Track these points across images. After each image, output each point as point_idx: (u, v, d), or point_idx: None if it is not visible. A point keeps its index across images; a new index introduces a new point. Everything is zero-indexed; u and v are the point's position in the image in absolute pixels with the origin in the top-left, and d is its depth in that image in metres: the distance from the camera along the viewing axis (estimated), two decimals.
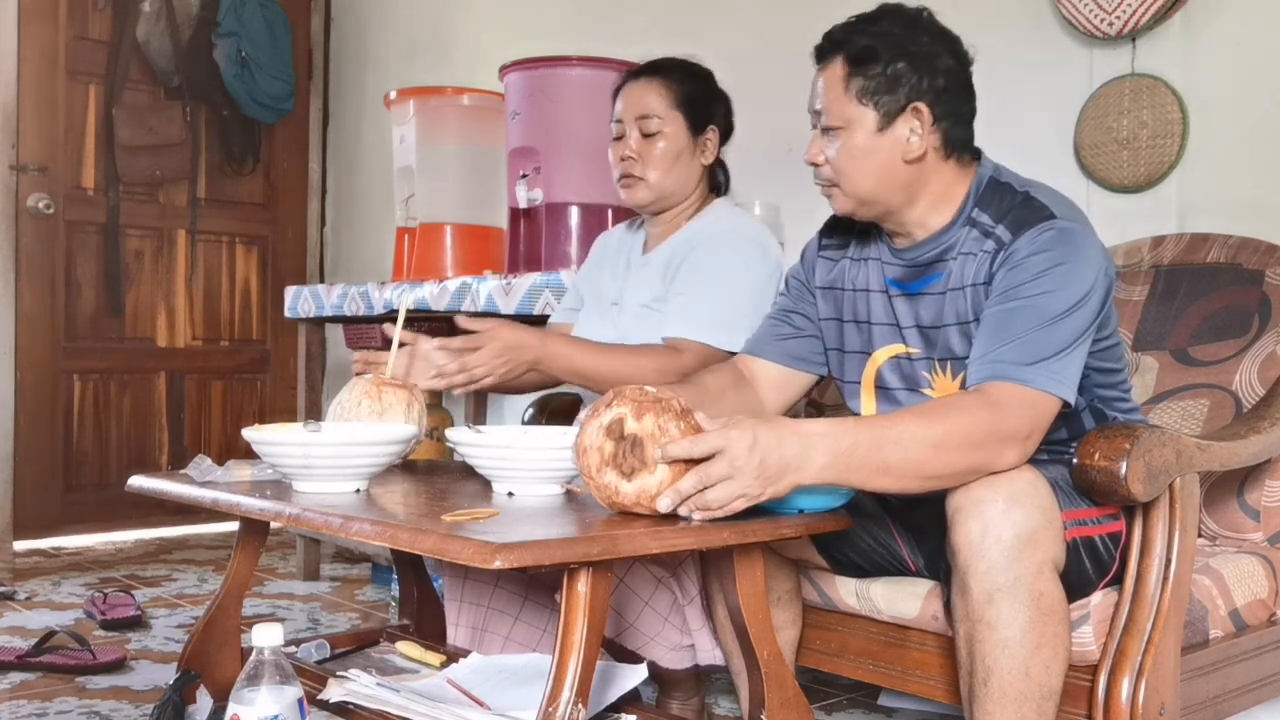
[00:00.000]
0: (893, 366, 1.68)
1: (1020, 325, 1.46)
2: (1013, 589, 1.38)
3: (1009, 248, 1.52)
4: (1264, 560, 1.75)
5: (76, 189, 4.23)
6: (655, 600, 1.87)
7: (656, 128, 2.08)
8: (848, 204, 1.63)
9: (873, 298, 1.71)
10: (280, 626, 1.40)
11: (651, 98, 2.09)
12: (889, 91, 1.57)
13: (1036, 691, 1.40)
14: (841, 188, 1.61)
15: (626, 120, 2.11)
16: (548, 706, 1.27)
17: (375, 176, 4.44)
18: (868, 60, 1.57)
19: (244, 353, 4.70)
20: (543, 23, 3.78)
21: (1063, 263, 1.48)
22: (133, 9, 4.32)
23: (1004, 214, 1.56)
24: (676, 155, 2.10)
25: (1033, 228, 1.51)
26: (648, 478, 1.35)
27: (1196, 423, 1.90)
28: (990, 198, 1.59)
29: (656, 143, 2.09)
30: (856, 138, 1.58)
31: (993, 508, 1.39)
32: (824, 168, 1.62)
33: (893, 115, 1.57)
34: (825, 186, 1.64)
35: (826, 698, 2.46)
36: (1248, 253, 1.99)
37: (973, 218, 1.59)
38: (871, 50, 1.57)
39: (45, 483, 4.17)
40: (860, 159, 1.58)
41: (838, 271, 1.77)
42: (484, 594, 2.00)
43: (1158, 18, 2.33)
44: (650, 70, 2.13)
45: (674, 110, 2.09)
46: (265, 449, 1.60)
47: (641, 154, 2.09)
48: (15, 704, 2.37)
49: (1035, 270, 1.48)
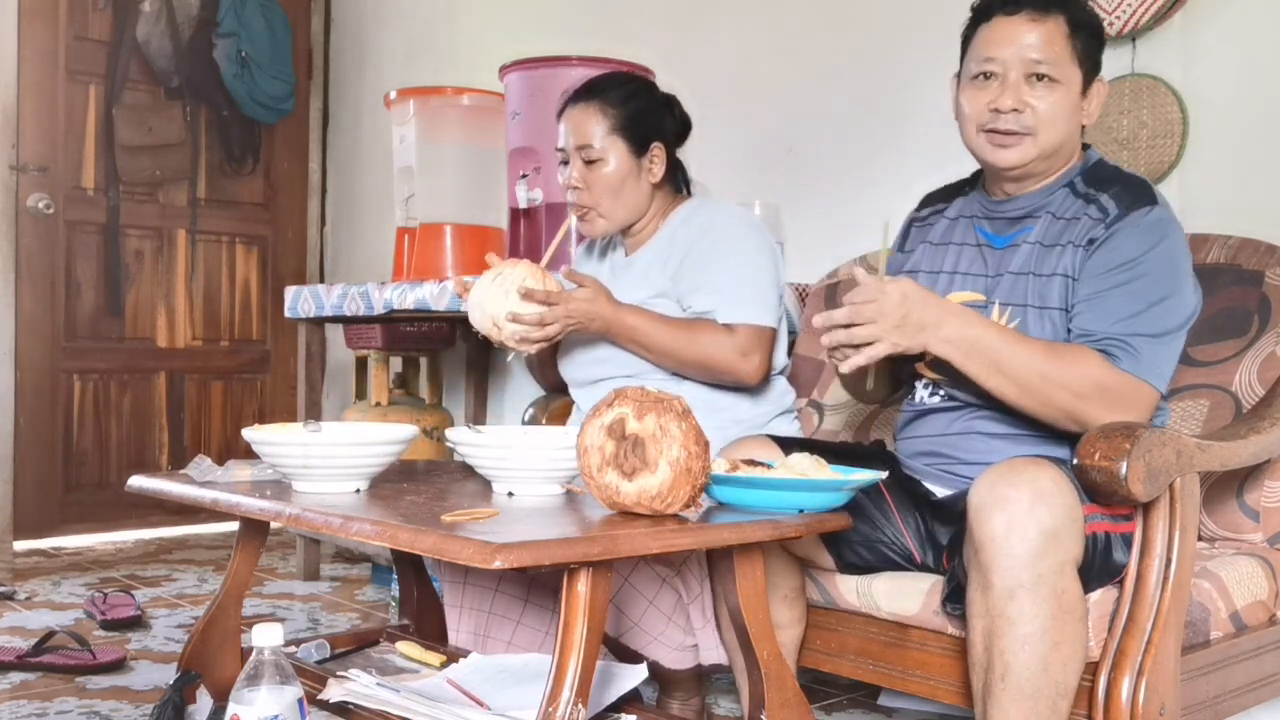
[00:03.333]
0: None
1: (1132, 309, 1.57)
2: (1035, 586, 1.39)
3: (1116, 218, 1.62)
4: (1263, 561, 1.75)
5: (76, 189, 4.23)
6: (659, 600, 1.87)
7: (597, 155, 2.07)
8: (1031, 153, 1.67)
9: (960, 250, 1.80)
10: (280, 626, 1.40)
11: (590, 125, 2.07)
12: (1092, 59, 1.68)
13: (1053, 689, 1.40)
14: (1037, 137, 1.66)
15: (569, 149, 2.10)
16: (548, 706, 1.27)
17: (375, 176, 4.44)
18: (1086, 26, 1.67)
19: (244, 353, 4.70)
20: (543, 23, 3.78)
21: (1169, 247, 1.61)
22: (133, 9, 4.32)
23: (1109, 186, 1.67)
24: (621, 181, 2.08)
25: (1142, 206, 1.62)
26: (649, 478, 1.35)
27: (1196, 423, 1.90)
28: (1096, 173, 1.71)
29: (599, 170, 2.07)
30: (1067, 95, 1.66)
31: (1019, 504, 1.40)
32: (1025, 114, 1.66)
33: (1089, 80, 1.69)
34: (1015, 135, 1.67)
35: (826, 698, 2.46)
36: (1248, 253, 1.99)
37: (1072, 183, 1.70)
38: (1090, 19, 1.68)
39: (45, 483, 4.17)
40: (1065, 115, 1.67)
41: (933, 231, 1.88)
42: (485, 599, 2.00)
43: (1158, 18, 2.33)
44: (587, 94, 2.10)
45: (613, 135, 2.07)
46: (265, 449, 1.60)
47: (587, 183, 2.08)
48: (15, 704, 2.37)
49: (1151, 242, 1.60)
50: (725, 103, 3.12)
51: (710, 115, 2.49)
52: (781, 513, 1.45)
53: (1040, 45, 1.64)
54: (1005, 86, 1.66)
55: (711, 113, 2.57)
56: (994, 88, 1.68)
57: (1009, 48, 1.66)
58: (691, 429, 1.37)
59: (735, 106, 3.16)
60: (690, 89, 2.27)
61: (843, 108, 2.95)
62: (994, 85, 1.68)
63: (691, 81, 2.21)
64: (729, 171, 3.00)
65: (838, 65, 2.97)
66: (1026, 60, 1.65)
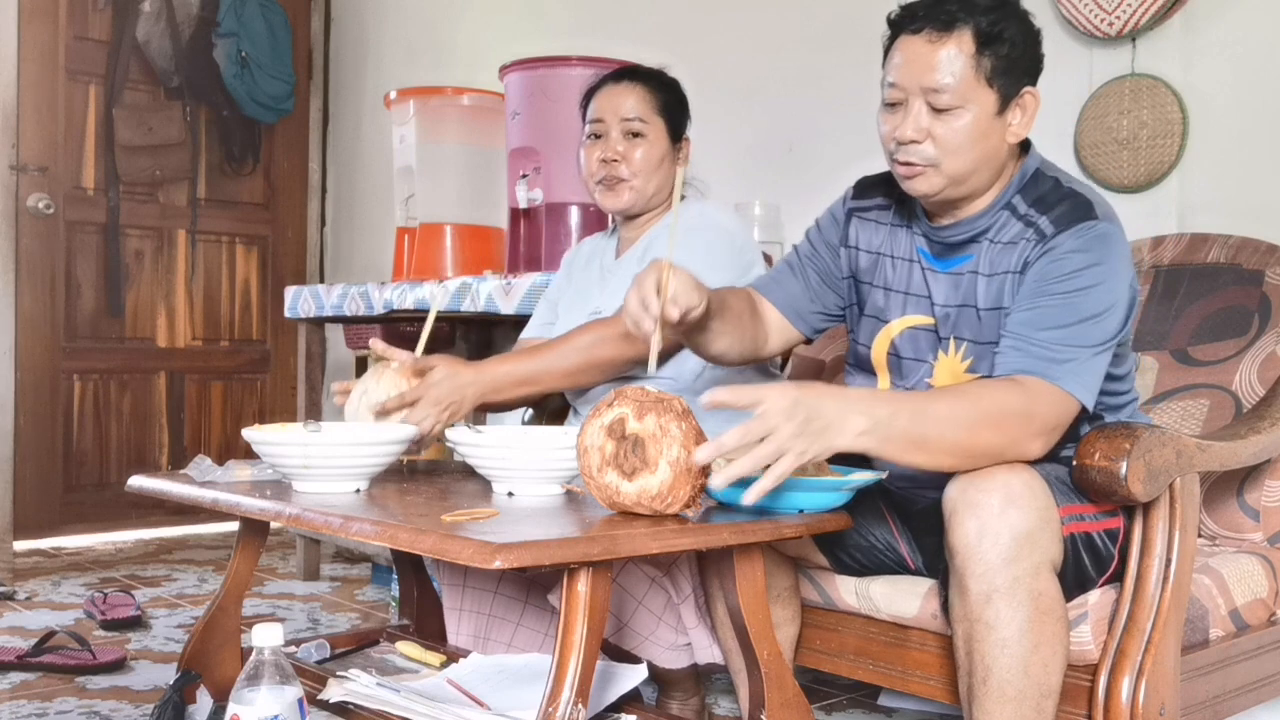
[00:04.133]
0: (910, 336, 1.68)
1: (1054, 321, 1.47)
2: (1011, 589, 1.38)
3: (1050, 241, 1.52)
4: (1264, 560, 1.75)
5: (76, 189, 4.23)
6: (649, 599, 1.87)
7: (641, 129, 2.07)
8: (937, 184, 1.55)
9: (906, 266, 1.69)
10: (280, 626, 1.40)
11: (634, 100, 2.08)
12: (1010, 74, 1.53)
13: (1035, 690, 1.40)
14: (941, 167, 1.54)
15: (609, 120, 2.08)
16: (548, 706, 1.27)
17: (375, 176, 4.44)
18: (997, 40, 1.51)
19: (244, 353, 4.70)
20: (543, 23, 3.78)
21: (1099, 263, 1.49)
22: (133, 9, 4.32)
23: (1049, 206, 1.55)
24: (660, 160, 2.09)
25: (1077, 225, 1.51)
26: (649, 478, 1.35)
27: (1196, 423, 1.90)
28: (1034, 188, 1.59)
29: (639, 145, 2.07)
30: (977, 118, 1.52)
31: (989, 509, 1.39)
32: (924, 145, 1.54)
33: (1009, 98, 1.54)
34: (917, 165, 1.55)
35: (826, 698, 2.46)
36: (1248, 253, 1.99)
37: (1011, 204, 1.59)
38: (1002, 30, 1.52)
39: (45, 483, 4.17)
40: (978, 140, 1.53)
41: (880, 236, 1.74)
42: (484, 601, 2.00)
43: (1158, 18, 2.33)
44: (629, 75, 2.12)
45: (657, 115, 2.09)
46: (265, 449, 1.60)
47: (626, 155, 2.07)
48: (15, 704, 2.37)
49: (1073, 267, 1.49)
50: (725, 102, 3.12)
51: (710, 115, 2.49)
52: (781, 513, 1.45)
53: (940, 69, 1.51)
54: (907, 114, 1.54)
55: (712, 112, 2.57)
56: (898, 115, 1.55)
57: (908, 72, 1.53)
58: (692, 429, 1.37)
59: (735, 106, 3.16)
60: (690, 88, 2.27)
61: (843, 107, 2.95)
62: (899, 112, 1.55)
63: (692, 81, 2.21)
64: (729, 171, 3.00)
65: (838, 64, 2.97)
66: (925, 87, 1.52)
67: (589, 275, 2.23)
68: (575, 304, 2.22)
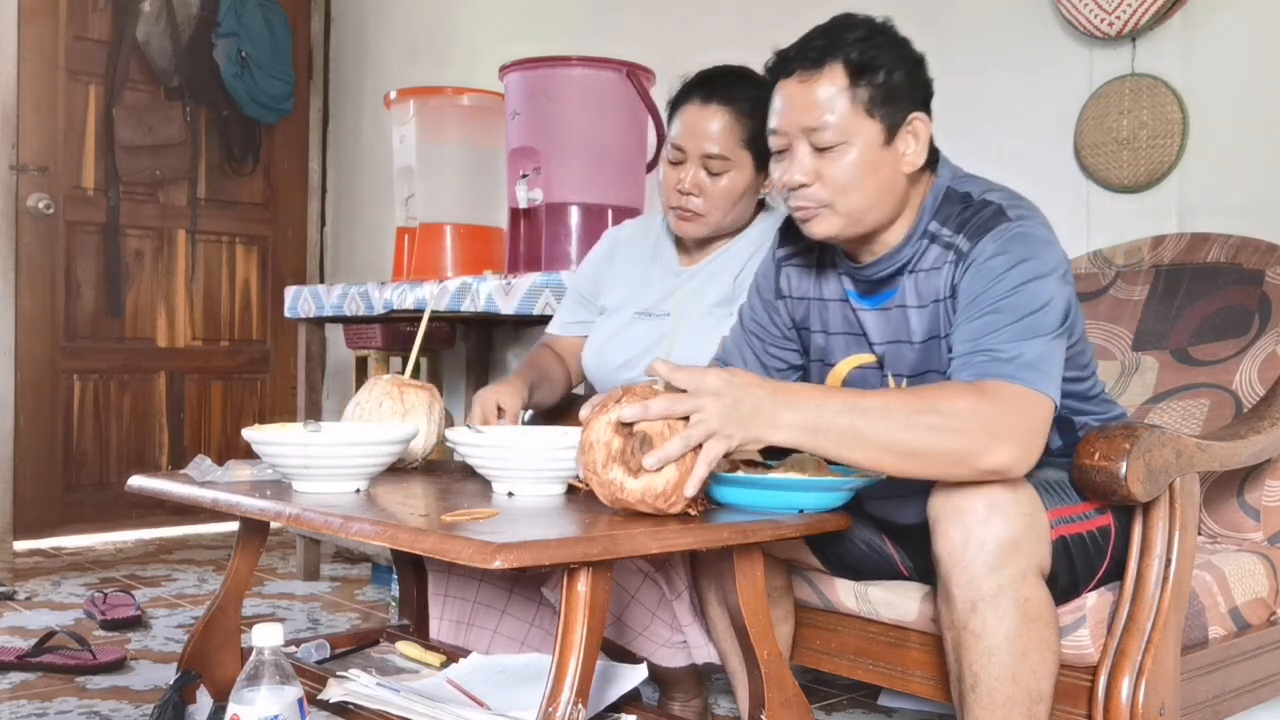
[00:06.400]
0: (860, 376, 1.66)
1: (995, 326, 1.43)
2: (996, 597, 1.37)
3: (969, 255, 1.49)
4: (1264, 559, 1.75)
5: (76, 189, 4.23)
6: (642, 594, 1.86)
7: (722, 169, 1.93)
8: (835, 225, 1.52)
9: (839, 308, 1.67)
10: (280, 626, 1.40)
11: (720, 132, 1.92)
12: (892, 102, 1.50)
13: (1025, 697, 1.39)
14: (835, 207, 1.51)
15: (689, 151, 1.94)
16: (548, 706, 1.27)
17: (375, 176, 4.44)
18: (871, 69, 1.48)
19: (244, 353, 4.70)
20: (543, 23, 3.78)
21: (1024, 259, 1.45)
22: (133, 9, 4.32)
23: (962, 224, 1.52)
24: (740, 195, 1.97)
25: (990, 232, 1.48)
26: (654, 476, 1.35)
27: (1196, 423, 1.90)
28: (946, 209, 1.55)
29: (720, 181, 1.94)
30: (864, 152, 1.49)
31: (972, 516, 1.37)
32: (813, 187, 1.51)
33: (896, 127, 1.50)
34: (810, 208, 1.53)
35: (826, 698, 2.46)
36: (1248, 253, 1.99)
37: (929, 230, 1.55)
38: (874, 59, 1.49)
39: (45, 483, 4.17)
40: (866, 174, 1.49)
41: (809, 281, 1.71)
42: (469, 588, 1.99)
43: (1158, 18, 2.33)
44: (720, 96, 1.93)
45: (742, 150, 1.93)
46: (265, 449, 1.60)
47: (703, 190, 1.94)
48: (15, 704, 2.37)
49: (999, 270, 1.45)
50: None
51: None
52: (781, 513, 1.45)
53: (816, 107, 1.48)
54: (793, 159, 1.51)
55: None
56: (785, 161, 1.53)
57: (788, 116, 1.51)
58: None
59: None
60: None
61: None
62: (785, 158, 1.53)
63: None
64: None
65: None
66: (805, 128, 1.49)
67: (649, 274, 2.13)
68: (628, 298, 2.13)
